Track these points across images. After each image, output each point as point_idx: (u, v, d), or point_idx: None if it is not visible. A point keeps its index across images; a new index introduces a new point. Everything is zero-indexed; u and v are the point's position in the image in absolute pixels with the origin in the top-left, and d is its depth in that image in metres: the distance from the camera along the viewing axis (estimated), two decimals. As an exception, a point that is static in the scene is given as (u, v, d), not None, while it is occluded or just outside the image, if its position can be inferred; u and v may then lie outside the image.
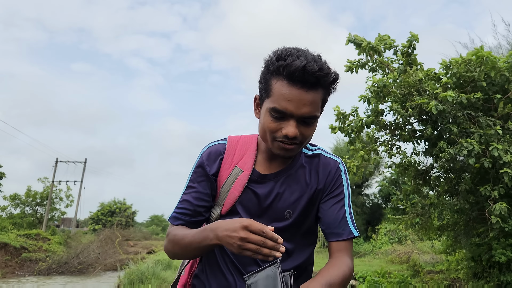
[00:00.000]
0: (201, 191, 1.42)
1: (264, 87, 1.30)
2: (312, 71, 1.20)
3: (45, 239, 21.06)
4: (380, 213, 22.03)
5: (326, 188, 1.42)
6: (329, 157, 1.47)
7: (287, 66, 1.21)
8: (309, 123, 1.28)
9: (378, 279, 9.45)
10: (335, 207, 1.40)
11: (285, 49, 1.26)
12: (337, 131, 7.25)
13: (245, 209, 1.41)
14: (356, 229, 1.40)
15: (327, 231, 1.40)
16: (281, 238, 1.10)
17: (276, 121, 1.27)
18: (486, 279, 7.86)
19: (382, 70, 7.39)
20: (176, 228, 1.39)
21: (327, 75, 1.24)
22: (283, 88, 1.23)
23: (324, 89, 1.27)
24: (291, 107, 1.23)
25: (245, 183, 1.40)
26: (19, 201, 29.67)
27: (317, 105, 1.27)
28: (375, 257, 16.34)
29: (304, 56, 1.22)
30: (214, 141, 1.51)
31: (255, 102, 1.39)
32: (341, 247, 1.38)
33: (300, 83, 1.21)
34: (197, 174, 1.45)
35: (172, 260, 13.98)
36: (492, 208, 5.97)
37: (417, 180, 7.64)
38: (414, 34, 7.05)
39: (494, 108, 6.67)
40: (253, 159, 1.43)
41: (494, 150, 5.84)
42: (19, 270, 17.30)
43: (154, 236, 42.57)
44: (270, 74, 1.27)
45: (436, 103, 6.11)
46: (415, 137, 7.17)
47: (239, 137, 1.51)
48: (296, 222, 1.41)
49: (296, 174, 1.42)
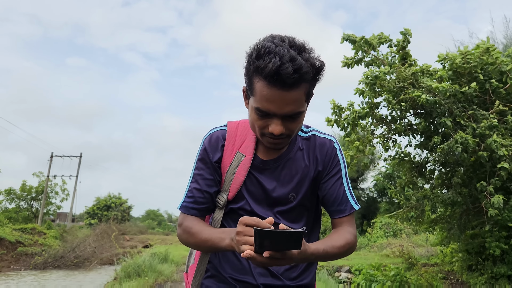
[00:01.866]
0: (208, 178, 1.46)
1: (248, 84, 1.29)
2: (287, 74, 1.15)
3: (41, 233, 21.02)
4: (376, 207, 22.13)
5: (325, 168, 1.47)
6: (323, 137, 1.50)
7: (263, 68, 1.18)
8: (295, 117, 1.29)
9: (373, 272, 9.52)
10: (335, 185, 1.46)
11: (264, 45, 1.20)
12: (333, 123, 7.30)
13: (251, 195, 1.45)
14: (356, 203, 1.47)
15: (330, 209, 1.47)
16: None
17: (262, 119, 1.29)
18: (480, 271, 7.94)
19: (378, 66, 7.45)
20: (192, 220, 1.43)
21: (306, 73, 1.19)
22: (264, 89, 1.21)
23: (307, 83, 1.24)
24: (273, 107, 1.23)
25: (248, 167, 1.44)
26: (14, 196, 29.56)
27: (301, 101, 1.26)
28: (370, 250, 16.44)
29: (280, 55, 1.16)
30: (214, 128, 1.53)
31: (243, 93, 1.40)
32: (343, 221, 1.46)
33: (279, 84, 1.18)
34: (201, 162, 1.48)
35: (168, 253, 14.02)
36: (490, 201, 6.01)
37: (413, 173, 7.69)
38: (407, 29, 7.21)
39: (490, 101, 6.70)
40: (254, 143, 1.47)
41: (491, 143, 5.86)
42: (14, 264, 17.27)
43: (150, 230, 42.63)
44: (251, 72, 1.25)
45: (428, 96, 6.15)
46: (411, 130, 7.22)
47: (238, 122, 1.54)
48: (300, 204, 1.46)
49: (295, 157, 1.46)
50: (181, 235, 1.44)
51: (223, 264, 1.47)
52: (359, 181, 23.68)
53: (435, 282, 8.63)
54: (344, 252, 1.37)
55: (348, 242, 1.38)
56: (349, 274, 11.09)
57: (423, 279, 8.74)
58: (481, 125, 6.07)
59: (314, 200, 1.51)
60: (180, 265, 12.95)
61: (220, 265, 1.47)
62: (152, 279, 10.16)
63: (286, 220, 1.45)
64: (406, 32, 7.19)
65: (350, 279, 10.82)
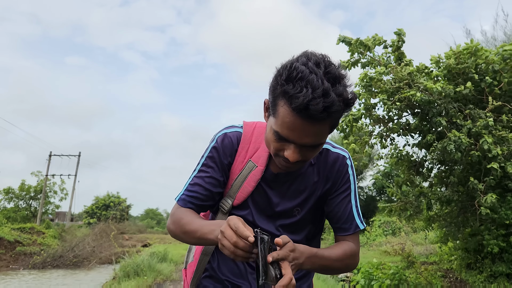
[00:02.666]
0: (214, 177, 1.40)
1: (272, 103, 1.20)
2: (316, 111, 1.06)
3: (40, 233, 21.01)
4: (374, 205, 22.17)
5: (334, 184, 1.43)
6: (336, 152, 1.45)
7: (291, 98, 1.08)
8: (313, 147, 1.22)
9: (372, 271, 9.52)
10: (342, 202, 1.43)
11: (297, 68, 1.09)
12: None
13: (256, 205, 1.42)
14: (362, 222, 1.44)
15: (335, 225, 1.45)
16: (253, 238, 1.03)
17: (279, 142, 1.21)
18: (479, 269, 7.95)
19: (374, 67, 7.50)
20: (185, 211, 1.37)
21: (336, 112, 1.10)
22: (287, 116, 1.12)
23: (334, 117, 1.15)
24: (293, 136, 1.16)
25: (259, 179, 1.40)
26: (12, 195, 29.54)
27: (324, 134, 1.19)
28: (369, 249, 16.45)
29: (312, 86, 1.06)
30: (230, 127, 1.47)
31: (264, 106, 1.32)
32: (346, 239, 1.43)
33: (304, 116, 1.10)
34: (211, 159, 1.42)
35: (167, 252, 14.02)
36: (483, 200, 6.04)
37: (411, 171, 7.71)
38: (400, 29, 7.26)
39: (485, 100, 6.73)
40: (267, 153, 1.40)
41: (484, 143, 5.90)
42: (13, 264, 17.26)
43: (149, 229, 42.63)
44: (277, 93, 1.15)
45: (422, 94, 6.18)
46: (408, 129, 7.25)
47: (254, 125, 1.47)
48: (304, 218, 1.45)
49: (306, 172, 1.42)
50: (170, 226, 1.38)
51: (221, 266, 1.46)
52: (358, 180, 23.72)
53: (434, 280, 8.63)
54: (342, 261, 1.34)
55: (346, 253, 1.36)
56: (348, 273, 11.10)
57: (422, 277, 8.74)
58: (477, 124, 6.09)
59: (318, 214, 1.48)
60: (179, 264, 12.95)
61: (218, 267, 1.47)
62: (151, 278, 10.16)
63: (287, 232, 1.42)
64: (400, 32, 7.24)
65: (349, 277, 10.83)
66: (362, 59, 7.52)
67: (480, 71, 6.62)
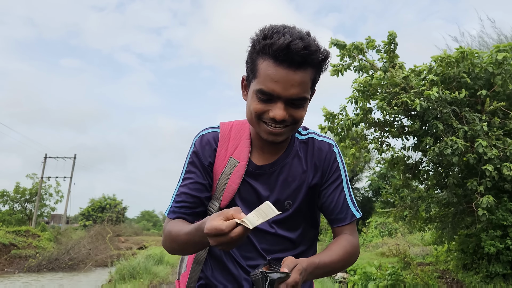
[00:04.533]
0: (198, 181, 1.37)
1: (251, 68, 1.23)
2: (297, 49, 1.12)
3: (35, 236, 20.88)
4: (371, 206, 22.19)
5: (324, 174, 1.39)
6: (322, 140, 1.43)
7: (272, 45, 1.14)
8: (298, 105, 1.22)
9: (369, 272, 9.53)
10: (334, 192, 1.38)
11: (272, 27, 1.19)
12: (326, 131, 7.34)
13: (244, 203, 1.37)
14: (357, 210, 1.40)
15: (330, 217, 1.40)
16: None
17: (263, 103, 1.21)
18: (475, 270, 7.97)
19: (366, 72, 7.51)
20: (172, 223, 1.33)
21: (314, 52, 1.17)
22: (269, 68, 1.16)
23: (313, 68, 1.21)
24: (278, 88, 1.17)
25: (242, 175, 1.36)
26: (7, 198, 29.36)
27: (306, 86, 1.21)
28: (366, 250, 16.46)
29: (290, 34, 1.14)
30: (205, 129, 1.45)
31: (242, 84, 1.34)
32: (344, 229, 1.38)
33: (286, 62, 1.14)
34: (192, 164, 1.39)
35: (164, 255, 13.96)
36: (479, 201, 6.07)
37: (407, 175, 7.73)
38: (392, 32, 7.28)
39: (480, 103, 6.77)
40: (248, 148, 1.38)
41: (479, 147, 5.95)
42: (8, 267, 17.14)
43: (145, 231, 42.48)
44: (256, 53, 1.20)
45: (421, 101, 6.20)
46: (404, 133, 7.27)
47: (231, 124, 1.45)
48: (297, 212, 1.39)
49: (292, 162, 1.38)
50: (164, 242, 1.34)
51: (214, 273, 1.43)
52: (354, 181, 23.77)
53: (430, 281, 8.65)
54: (344, 261, 1.30)
55: (347, 251, 1.31)
56: (345, 274, 11.10)
57: (418, 278, 8.76)
58: (474, 128, 6.16)
59: (312, 208, 1.43)
60: (175, 267, 12.89)
61: (212, 274, 1.44)
62: (147, 281, 10.12)
63: (282, 230, 1.38)
64: (392, 34, 7.25)
65: (346, 278, 10.83)
66: (354, 63, 7.53)
67: (472, 73, 6.66)
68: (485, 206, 6.02)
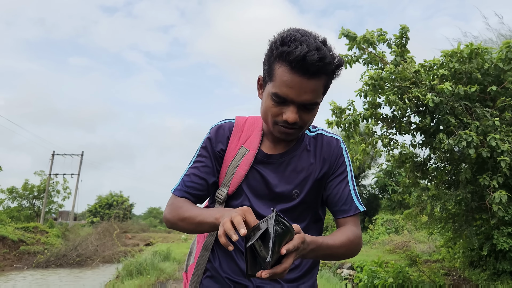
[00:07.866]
0: (209, 166, 1.45)
1: (268, 70, 1.30)
2: (313, 60, 1.18)
3: (43, 232, 21.07)
4: (377, 203, 22.10)
5: (331, 167, 1.46)
6: (330, 136, 1.51)
7: (289, 54, 1.20)
8: (309, 108, 1.30)
9: (375, 269, 9.51)
10: (340, 185, 1.44)
11: (290, 34, 1.23)
12: (333, 125, 7.27)
13: (251, 190, 1.42)
14: (361, 204, 1.44)
15: (334, 209, 1.45)
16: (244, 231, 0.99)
17: (277, 106, 1.29)
18: (483, 267, 7.94)
19: (375, 64, 7.42)
20: (183, 201, 1.39)
21: (329, 64, 1.23)
22: (285, 74, 1.23)
23: (326, 75, 1.27)
24: (292, 94, 1.24)
25: (251, 162, 1.42)
26: (16, 195, 29.63)
27: (319, 92, 1.28)
28: (372, 247, 16.42)
29: (307, 43, 1.20)
30: (223, 120, 1.54)
31: (258, 83, 1.40)
32: (347, 221, 1.43)
33: (301, 71, 1.21)
34: (204, 149, 1.47)
35: (170, 251, 14.04)
36: (492, 197, 6.02)
37: (415, 173, 7.66)
38: (404, 25, 7.19)
39: (490, 99, 6.73)
40: (259, 139, 1.46)
41: (491, 140, 5.91)
42: (17, 263, 17.32)
43: (151, 228, 42.60)
44: (273, 58, 1.26)
45: (433, 95, 6.15)
46: (412, 129, 7.21)
47: (246, 118, 1.54)
48: (304, 202, 1.44)
49: (302, 154, 1.45)
50: (167, 214, 1.39)
51: (222, 264, 1.45)
52: (360, 178, 23.68)
53: (437, 278, 8.62)
54: (346, 247, 1.32)
55: (350, 238, 1.34)
56: (351, 271, 11.09)
57: (425, 275, 8.73)
58: (485, 123, 6.11)
59: (318, 200, 1.48)
60: (182, 263, 12.96)
61: (220, 265, 1.46)
62: (154, 277, 10.18)
63: (287, 219, 1.40)
64: (404, 28, 7.17)
65: (352, 276, 10.82)
66: (363, 55, 7.43)
67: (482, 69, 6.60)
68: (498, 201, 5.97)
